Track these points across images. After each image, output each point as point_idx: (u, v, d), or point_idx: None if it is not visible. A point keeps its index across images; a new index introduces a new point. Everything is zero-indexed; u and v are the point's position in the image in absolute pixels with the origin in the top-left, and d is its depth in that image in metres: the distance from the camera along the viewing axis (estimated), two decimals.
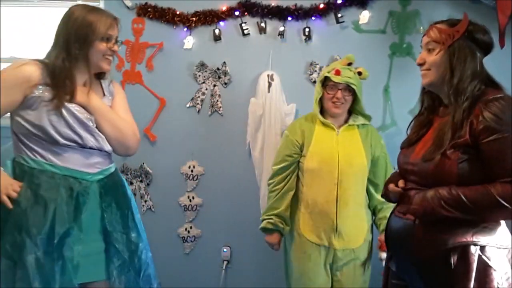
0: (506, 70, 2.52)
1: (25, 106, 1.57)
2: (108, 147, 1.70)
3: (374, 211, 2.23)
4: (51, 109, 1.56)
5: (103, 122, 1.67)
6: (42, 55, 2.90)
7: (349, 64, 2.16)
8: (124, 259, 1.68)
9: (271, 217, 2.18)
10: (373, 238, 2.23)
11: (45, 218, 1.55)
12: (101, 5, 2.79)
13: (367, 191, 2.19)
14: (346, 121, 2.18)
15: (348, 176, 2.07)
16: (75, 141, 1.61)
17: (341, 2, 2.70)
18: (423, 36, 1.52)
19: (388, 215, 1.97)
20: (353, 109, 2.20)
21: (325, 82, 2.14)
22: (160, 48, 2.77)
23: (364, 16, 2.71)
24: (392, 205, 1.79)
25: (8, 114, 1.62)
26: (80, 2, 2.80)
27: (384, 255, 2.08)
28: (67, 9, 1.75)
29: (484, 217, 1.34)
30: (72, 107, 1.60)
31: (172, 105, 2.81)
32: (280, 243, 2.26)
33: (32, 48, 2.98)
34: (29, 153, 1.61)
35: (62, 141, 1.58)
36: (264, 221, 2.21)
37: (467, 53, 1.41)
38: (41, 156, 1.60)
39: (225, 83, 2.79)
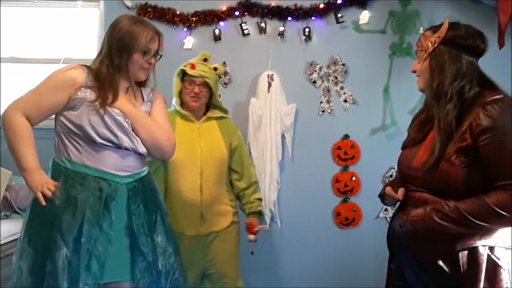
0: (506, 70, 2.52)
1: (69, 107, 1.68)
2: (142, 149, 1.76)
3: (238, 197, 2.34)
4: (92, 110, 1.66)
5: (137, 126, 1.75)
6: (42, 55, 2.92)
7: (205, 60, 2.25)
8: (148, 261, 1.73)
9: None
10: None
11: (75, 218, 1.63)
12: (101, 5, 2.79)
13: (230, 179, 2.31)
14: (204, 114, 2.27)
15: (210, 165, 2.18)
16: (111, 141, 1.68)
17: (341, 2, 2.70)
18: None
19: (251, 200, 2.29)
20: (211, 103, 2.29)
21: (184, 77, 2.22)
22: (160, 48, 2.76)
23: (364, 16, 2.71)
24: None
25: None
26: (80, 3, 2.80)
27: (251, 236, 2.25)
28: (66, 9, 1.79)
29: (484, 228, 1.33)
30: (112, 109, 1.68)
31: (172, 105, 2.80)
32: None
33: (31, 48, 2.98)
34: (66, 154, 1.70)
35: (98, 140, 1.66)
36: None
37: (446, 58, 1.41)
38: (77, 157, 1.69)
39: (225, 83, 2.79)
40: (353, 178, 2.82)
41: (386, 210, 2.81)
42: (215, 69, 2.24)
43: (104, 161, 1.69)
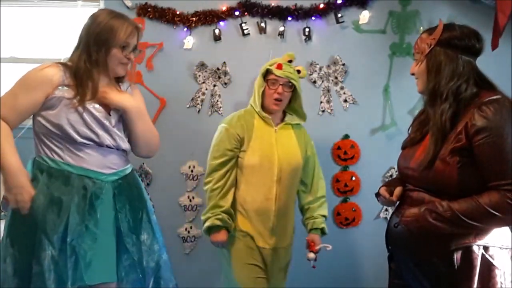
0: (506, 70, 2.52)
1: (46, 106, 1.64)
2: (125, 146, 1.75)
3: (301, 210, 2.26)
4: (71, 108, 1.63)
5: (139, 122, 1.75)
6: (42, 55, 2.92)
7: (290, 61, 2.14)
8: (133, 260, 1.72)
9: (219, 213, 2.03)
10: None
11: (60, 217, 1.61)
12: (101, 5, 2.79)
13: (297, 191, 2.22)
14: (281, 119, 2.17)
15: (287, 174, 2.05)
16: (92, 139, 1.66)
17: (341, 2, 2.70)
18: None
19: (315, 215, 2.18)
20: (289, 108, 2.19)
21: (266, 77, 2.11)
22: (160, 48, 2.77)
23: (364, 16, 2.71)
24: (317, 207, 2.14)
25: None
26: (80, 3, 2.80)
27: (312, 255, 2.14)
28: (66, 9, 1.78)
29: (477, 228, 1.34)
30: (91, 106, 1.66)
31: (172, 105, 2.80)
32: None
33: (32, 48, 2.98)
34: (48, 153, 1.67)
35: (79, 139, 1.64)
36: (210, 219, 2.03)
37: (442, 59, 1.43)
38: (59, 156, 1.66)
39: (225, 83, 2.79)
40: (353, 178, 2.82)
41: (386, 210, 2.81)
42: (298, 72, 2.15)
43: (87, 160, 1.67)
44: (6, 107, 1.64)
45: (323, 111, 2.80)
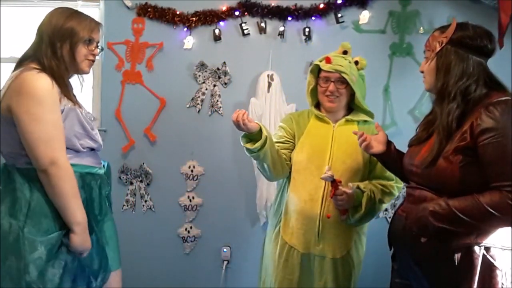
0: (506, 70, 2.52)
1: None
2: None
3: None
4: (74, 116, 1.59)
5: None
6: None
7: (345, 52, 1.96)
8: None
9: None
10: (365, 251, 2.07)
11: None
12: (101, 5, 2.79)
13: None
14: (344, 116, 1.99)
15: (339, 174, 1.83)
16: (92, 148, 1.69)
17: (341, 2, 2.69)
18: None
19: (375, 182, 1.90)
20: (354, 106, 2.01)
21: (319, 73, 1.96)
22: (160, 48, 2.77)
23: (364, 16, 2.71)
24: None
25: None
26: (80, 3, 2.80)
27: (329, 174, 1.74)
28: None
29: (476, 227, 1.34)
30: (84, 113, 1.65)
31: (172, 105, 2.81)
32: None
33: None
34: None
35: (82, 149, 1.64)
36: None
37: (452, 58, 1.42)
38: None
39: (225, 83, 2.79)
40: None
41: (386, 210, 2.81)
42: (356, 62, 1.93)
43: (86, 160, 1.67)
44: (60, 139, 1.52)
45: None
